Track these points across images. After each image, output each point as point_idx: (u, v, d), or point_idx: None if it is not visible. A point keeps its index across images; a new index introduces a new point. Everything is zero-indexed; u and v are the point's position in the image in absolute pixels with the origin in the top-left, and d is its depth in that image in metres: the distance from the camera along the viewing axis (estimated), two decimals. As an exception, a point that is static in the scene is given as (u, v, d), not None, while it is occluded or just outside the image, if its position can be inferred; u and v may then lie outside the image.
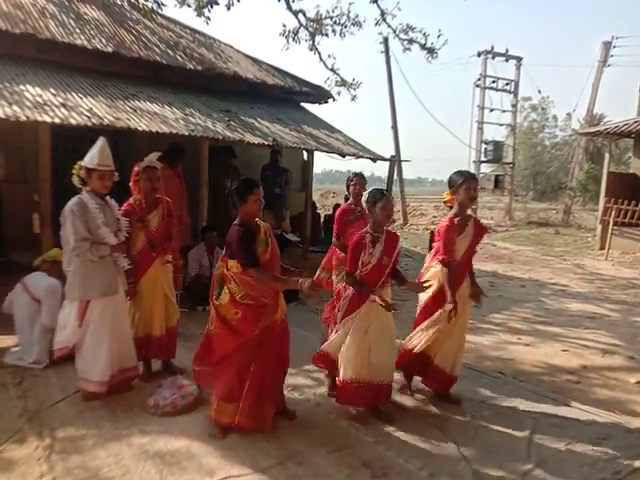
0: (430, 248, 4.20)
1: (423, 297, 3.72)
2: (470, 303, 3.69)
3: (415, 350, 3.66)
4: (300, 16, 9.85)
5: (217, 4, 8.55)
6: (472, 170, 20.57)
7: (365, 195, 3.54)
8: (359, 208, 4.37)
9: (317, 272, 4.53)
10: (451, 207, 3.67)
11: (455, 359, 3.67)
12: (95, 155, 3.39)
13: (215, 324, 3.12)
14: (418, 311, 3.78)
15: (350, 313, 3.34)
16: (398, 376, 3.77)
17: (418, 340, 3.66)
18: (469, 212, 3.67)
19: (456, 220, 3.54)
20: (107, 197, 3.58)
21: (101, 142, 3.44)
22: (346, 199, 8.55)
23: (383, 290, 3.35)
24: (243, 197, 3.01)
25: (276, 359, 3.15)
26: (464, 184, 3.51)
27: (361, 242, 3.32)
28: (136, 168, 3.88)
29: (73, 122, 5.43)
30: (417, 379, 3.87)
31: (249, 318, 3.01)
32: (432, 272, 3.64)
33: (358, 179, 4.67)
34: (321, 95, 10.43)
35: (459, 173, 3.62)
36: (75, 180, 3.48)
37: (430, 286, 3.52)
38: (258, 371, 3.03)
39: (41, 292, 4.10)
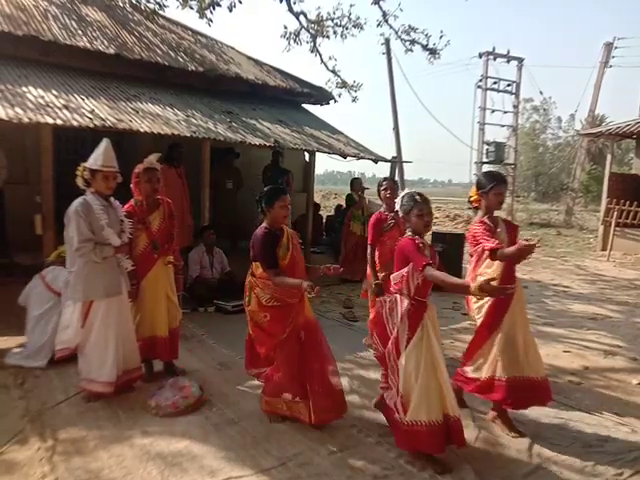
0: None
1: (475, 317, 3.40)
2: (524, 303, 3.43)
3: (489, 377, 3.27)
4: (301, 18, 9.88)
5: (219, 6, 8.56)
6: (474, 171, 20.63)
7: (398, 202, 3.08)
8: (392, 215, 4.18)
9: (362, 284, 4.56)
10: (476, 208, 3.46)
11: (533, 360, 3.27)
12: (99, 156, 3.40)
13: (251, 328, 3.33)
14: (475, 331, 3.42)
15: (412, 333, 2.86)
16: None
17: (491, 367, 3.26)
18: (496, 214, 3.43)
19: (486, 219, 3.32)
20: (111, 198, 3.59)
21: (105, 143, 3.44)
22: (347, 199, 8.62)
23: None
24: (270, 203, 3.18)
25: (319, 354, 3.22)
26: (494, 188, 3.27)
27: (416, 242, 2.93)
28: (136, 170, 3.89)
29: (75, 124, 5.44)
30: None
31: (277, 319, 3.16)
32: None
33: (389, 183, 4.41)
34: (322, 96, 10.44)
35: (489, 175, 3.37)
36: (79, 181, 3.48)
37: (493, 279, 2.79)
38: (311, 368, 3.15)
39: (61, 284, 4.06)
